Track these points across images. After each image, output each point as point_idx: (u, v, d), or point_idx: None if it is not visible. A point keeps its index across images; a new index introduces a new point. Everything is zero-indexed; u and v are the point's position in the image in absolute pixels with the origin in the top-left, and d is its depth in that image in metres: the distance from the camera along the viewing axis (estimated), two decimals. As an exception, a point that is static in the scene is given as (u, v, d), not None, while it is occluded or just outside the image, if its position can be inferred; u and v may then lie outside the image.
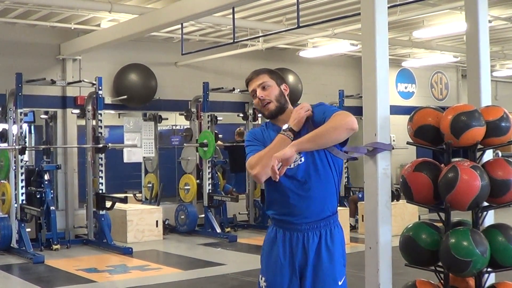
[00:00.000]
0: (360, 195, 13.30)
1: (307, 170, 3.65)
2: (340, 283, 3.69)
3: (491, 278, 4.87)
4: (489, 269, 4.59)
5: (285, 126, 3.62)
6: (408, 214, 12.10)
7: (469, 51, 5.51)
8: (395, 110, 10.00)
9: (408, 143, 4.92)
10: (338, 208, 3.94)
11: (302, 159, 3.64)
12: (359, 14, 5.36)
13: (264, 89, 3.71)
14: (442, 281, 4.71)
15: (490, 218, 5.00)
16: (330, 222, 3.69)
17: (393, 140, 5.08)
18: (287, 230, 3.70)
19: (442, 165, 4.72)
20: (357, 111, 16.14)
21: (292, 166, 3.61)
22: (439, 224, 4.76)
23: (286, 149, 3.37)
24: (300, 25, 9.29)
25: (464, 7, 5.68)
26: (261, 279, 3.79)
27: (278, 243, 3.70)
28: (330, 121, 3.49)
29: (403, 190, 4.78)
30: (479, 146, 4.68)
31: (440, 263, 4.64)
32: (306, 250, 3.63)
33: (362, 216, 12.45)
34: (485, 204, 4.67)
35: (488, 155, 5.02)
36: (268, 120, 3.88)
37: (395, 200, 12.11)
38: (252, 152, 3.68)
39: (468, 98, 5.47)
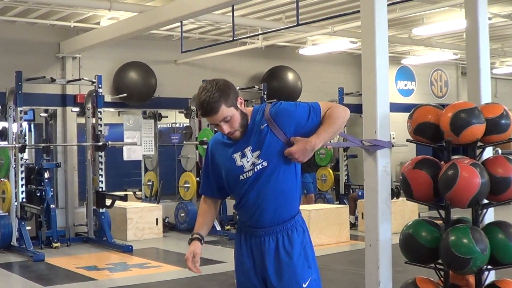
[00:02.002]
0: (359, 193, 13.29)
1: (263, 180, 3.55)
2: (304, 286, 3.59)
3: (491, 276, 4.88)
4: (489, 267, 4.59)
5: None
6: (408, 211, 12.10)
7: (469, 49, 5.51)
8: (395, 107, 9.97)
9: (408, 140, 4.93)
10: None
11: (265, 163, 3.54)
12: (358, 11, 5.36)
13: (227, 122, 3.51)
14: (442, 278, 4.72)
15: (490, 216, 5.00)
16: (287, 227, 3.59)
17: (393, 138, 5.09)
18: (248, 234, 3.68)
19: (442, 162, 4.72)
20: (357, 109, 16.10)
21: (248, 174, 3.56)
22: (439, 222, 4.77)
23: (309, 151, 3.49)
24: (300, 22, 9.28)
25: (464, 5, 5.68)
26: (235, 277, 3.81)
27: (242, 246, 3.70)
28: (334, 114, 3.56)
29: (403, 188, 4.79)
30: (479, 144, 4.69)
31: (440, 261, 4.64)
32: (264, 255, 3.59)
33: (362, 213, 12.45)
34: (485, 201, 4.67)
35: (488, 152, 5.03)
36: None
37: (394, 198, 12.07)
38: (201, 183, 3.89)
39: (468, 95, 5.48)
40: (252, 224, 3.62)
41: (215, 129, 3.65)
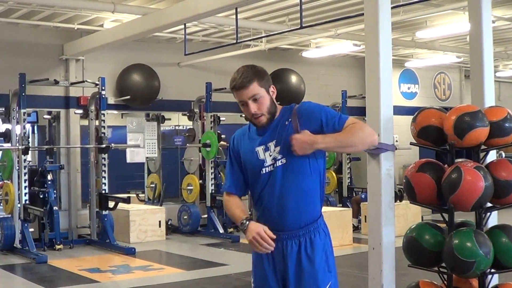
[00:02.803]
0: (363, 196, 13.29)
1: (283, 177, 3.51)
2: None
3: (494, 279, 4.88)
4: (492, 270, 4.59)
5: (242, 224, 3.54)
6: (411, 214, 12.09)
7: (473, 52, 5.51)
8: (398, 110, 9.96)
9: (411, 143, 4.93)
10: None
11: (284, 160, 3.50)
12: (362, 14, 5.37)
13: (256, 101, 3.49)
14: (445, 282, 4.71)
15: (493, 219, 5.00)
16: (310, 230, 3.55)
17: (396, 141, 5.08)
18: None
19: (446, 165, 4.72)
20: (360, 112, 16.16)
21: (269, 169, 3.53)
22: (443, 225, 4.77)
23: (307, 146, 3.39)
24: (303, 25, 9.27)
25: (468, 8, 5.68)
26: (252, 280, 3.76)
27: None
28: (353, 128, 3.42)
29: (406, 191, 4.78)
30: (483, 147, 4.69)
31: (443, 264, 4.64)
32: (286, 259, 3.54)
33: (365, 216, 12.45)
34: (489, 204, 4.67)
35: (492, 155, 5.02)
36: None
37: (398, 201, 12.10)
38: (226, 180, 3.79)
39: (472, 98, 5.48)
40: (273, 226, 3.52)
41: (241, 114, 3.65)
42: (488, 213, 4.71)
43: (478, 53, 5.39)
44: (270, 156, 3.52)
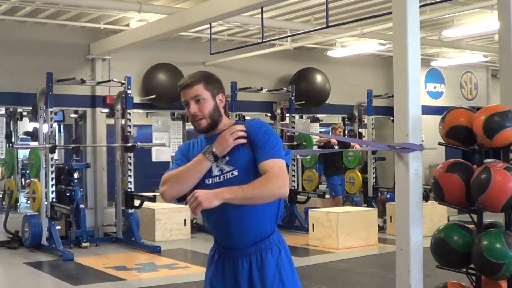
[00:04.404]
0: (388, 196, 13.23)
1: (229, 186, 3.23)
2: None
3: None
4: (522, 272, 4.55)
5: (208, 147, 3.30)
6: (437, 215, 12.02)
7: (502, 50, 5.46)
8: (424, 110, 9.87)
9: (440, 143, 4.89)
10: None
11: (235, 172, 3.28)
12: (388, 13, 5.35)
13: (198, 103, 3.34)
14: (474, 283, 4.68)
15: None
16: (261, 248, 3.31)
17: (422, 141, 5.06)
18: (221, 254, 3.42)
19: (474, 166, 4.68)
20: (386, 111, 16.10)
21: (216, 180, 3.31)
22: (471, 226, 4.73)
23: (212, 197, 3.08)
24: (329, 24, 9.25)
25: (497, 6, 5.63)
26: None
27: (214, 266, 3.45)
28: (265, 184, 3.15)
29: (434, 191, 4.76)
30: (512, 147, 4.64)
31: (472, 265, 4.61)
32: (238, 279, 3.33)
33: (390, 216, 12.40)
34: (519, 205, 4.62)
35: (521, 156, 4.97)
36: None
37: (424, 201, 12.02)
38: (169, 169, 3.45)
39: (501, 98, 5.43)
40: (223, 243, 3.39)
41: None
42: (518, 214, 4.67)
43: (508, 52, 5.34)
44: (217, 166, 3.32)
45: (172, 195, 3.34)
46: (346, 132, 15.57)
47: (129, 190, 11.78)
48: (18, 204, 12.59)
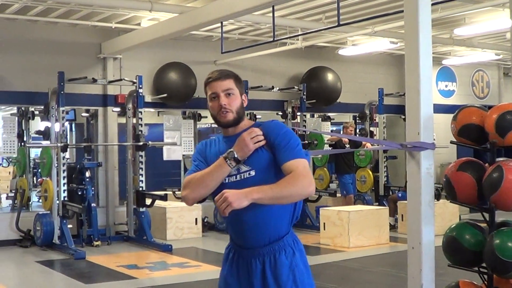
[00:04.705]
0: (399, 194, 13.20)
1: (245, 185, 3.22)
2: None
3: (536, 280, 4.81)
4: (534, 271, 4.53)
5: (229, 152, 3.28)
6: (449, 213, 12.00)
7: (514, 49, 5.44)
8: (436, 108, 9.79)
9: (452, 142, 4.89)
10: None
11: (252, 172, 3.29)
12: (399, 12, 5.34)
13: (228, 97, 3.36)
14: (485, 282, 4.67)
15: (535, 219, 4.94)
16: (274, 248, 3.31)
17: (434, 139, 5.04)
18: (236, 253, 3.43)
19: (486, 164, 4.67)
20: (397, 110, 16.06)
21: (233, 179, 3.32)
22: (483, 225, 4.72)
23: (242, 197, 3.07)
24: (340, 23, 9.23)
25: (509, 4, 5.61)
26: None
27: (229, 264, 3.46)
28: (293, 183, 3.16)
29: (446, 190, 4.75)
30: (525, 146, 4.62)
31: (484, 264, 4.59)
32: (251, 279, 3.34)
33: (402, 215, 12.37)
34: (531, 204, 4.60)
35: (534, 155, 4.95)
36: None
37: (435, 200, 11.98)
38: (190, 172, 3.43)
39: (513, 96, 5.40)
40: (238, 242, 3.40)
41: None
42: (530, 213, 4.66)
43: (520, 51, 5.32)
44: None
45: (193, 200, 3.35)
46: (358, 131, 15.54)
47: (140, 188, 11.81)
48: (30, 203, 12.62)
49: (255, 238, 3.33)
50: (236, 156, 3.27)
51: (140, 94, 11.79)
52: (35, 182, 16.03)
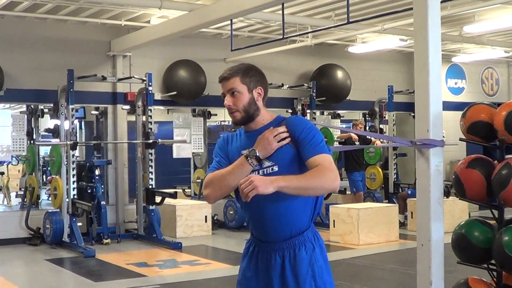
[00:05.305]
0: (409, 192, 13.19)
1: None
2: None
3: (545, 277, 4.80)
4: (543, 268, 4.52)
5: (251, 151, 3.27)
6: (458, 211, 11.98)
7: (524, 46, 5.42)
8: (445, 106, 9.76)
9: (461, 139, 4.88)
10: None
11: (275, 168, 3.29)
12: (409, 9, 5.33)
13: (233, 96, 3.38)
14: (495, 279, 4.66)
15: (545, 216, 4.92)
16: (294, 243, 3.31)
17: (443, 136, 5.04)
18: (256, 247, 3.44)
19: (495, 161, 4.66)
20: (407, 107, 16.03)
21: (259, 173, 3.28)
22: (492, 222, 4.71)
23: (268, 183, 3.04)
24: (350, 20, 9.22)
25: (519, 2, 5.59)
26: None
27: (248, 258, 3.47)
28: (320, 175, 3.16)
29: (455, 187, 4.74)
30: (534, 143, 4.61)
31: (493, 261, 4.59)
32: (270, 273, 3.34)
33: (411, 212, 12.36)
34: (540, 201, 4.59)
35: (543, 152, 4.94)
36: None
37: (444, 197, 11.95)
38: (211, 168, 3.43)
39: (523, 94, 5.39)
40: (258, 236, 3.41)
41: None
42: (539, 210, 4.65)
43: (529, 48, 5.30)
44: None
45: (215, 199, 3.38)
46: (367, 128, 15.53)
47: (150, 186, 11.83)
48: (40, 201, 12.66)
49: (276, 232, 3.33)
50: (257, 154, 3.27)
51: (150, 91, 11.82)
52: (44, 180, 16.07)
